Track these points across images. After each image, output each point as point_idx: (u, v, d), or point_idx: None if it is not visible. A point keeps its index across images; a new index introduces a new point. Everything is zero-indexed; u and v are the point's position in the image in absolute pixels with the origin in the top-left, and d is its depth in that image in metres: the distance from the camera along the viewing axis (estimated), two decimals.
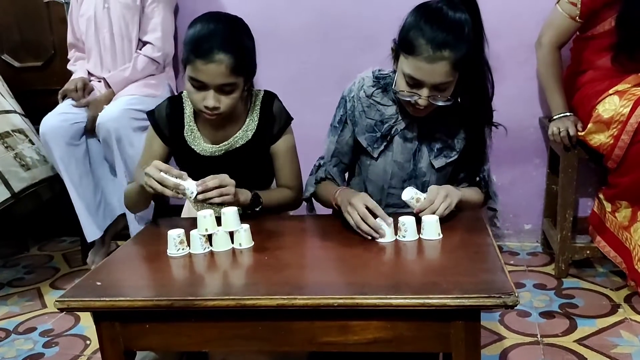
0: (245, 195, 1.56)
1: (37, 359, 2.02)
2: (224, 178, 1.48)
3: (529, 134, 2.66)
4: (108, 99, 2.61)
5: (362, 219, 1.37)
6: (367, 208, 1.38)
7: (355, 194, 1.45)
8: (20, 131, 2.61)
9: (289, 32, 2.71)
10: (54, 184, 2.68)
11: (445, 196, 1.43)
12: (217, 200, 1.45)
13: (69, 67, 2.81)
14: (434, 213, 1.39)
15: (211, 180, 1.45)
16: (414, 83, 1.46)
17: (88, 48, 2.72)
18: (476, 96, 1.55)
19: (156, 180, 1.41)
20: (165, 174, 1.42)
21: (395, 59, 1.52)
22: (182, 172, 1.45)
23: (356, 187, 1.73)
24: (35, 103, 2.89)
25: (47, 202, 2.72)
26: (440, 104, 1.47)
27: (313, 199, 1.74)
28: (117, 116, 2.42)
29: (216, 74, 1.47)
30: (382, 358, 1.50)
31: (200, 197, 1.43)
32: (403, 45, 1.46)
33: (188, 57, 1.49)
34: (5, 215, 2.48)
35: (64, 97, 2.67)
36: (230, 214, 1.36)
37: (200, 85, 1.50)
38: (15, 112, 2.67)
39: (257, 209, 1.60)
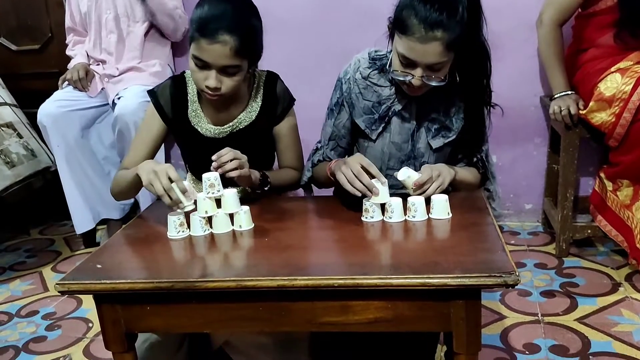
0: (254, 174, 1.54)
1: (39, 342, 2.03)
2: (237, 152, 1.45)
3: (530, 113, 2.64)
4: None
5: (356, 176, 1.36)
6: (363, 167, 1.37)
7: (351, 157, 1.45)
8: (9, 125, 2.59)
9: (286, 10, 2.68)
10: (45, 174, 2.68)
11: (437, 175, 1.43)
12: (234, 173, 1.41)
13: (68, 52, 2.80)
14: (424, 192, 1.40)
15: (227, 154, 1.42)
16: (407, 63, 1.44)
17: (89, 29, 2.70)
18: (474, 77, 1.54)
19: (163, 187, 1.33)
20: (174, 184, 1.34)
21: (391, 37, 1.50)
22: (188, 185, 1.36)
23: None
24: (33, 86, 2.89)
25: (39, 189, 2.72)
26: (434, 84, 1.45)
27: (312, 184, 1.73)
28: (136, 109, 2.44)
29: (220, 54, 1.45)
30: (383, 338, 1.51)
31: (216, 166, 1.40)
32: (397, 24, 1.43)
33: (193, 35, 1.47)
34: None
35: (63, 82, 2.66)
36: (230, 195, 1.36)
37: (203, 65, 1.48)
38: (5, 104, 2.64)
39: (266, 189, 1.58)
